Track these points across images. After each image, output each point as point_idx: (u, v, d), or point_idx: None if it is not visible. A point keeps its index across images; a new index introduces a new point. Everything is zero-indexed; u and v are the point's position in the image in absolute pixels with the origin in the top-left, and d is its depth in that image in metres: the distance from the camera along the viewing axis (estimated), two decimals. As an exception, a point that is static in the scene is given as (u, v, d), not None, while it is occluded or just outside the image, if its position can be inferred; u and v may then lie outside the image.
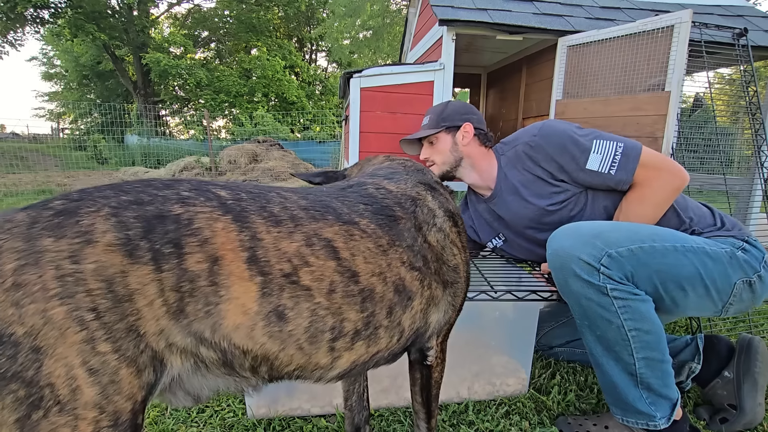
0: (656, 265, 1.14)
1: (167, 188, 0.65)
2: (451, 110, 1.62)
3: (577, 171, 1.37)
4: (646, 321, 1.14)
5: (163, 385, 0.63)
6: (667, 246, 1.16)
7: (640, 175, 1.31)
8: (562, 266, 1.17)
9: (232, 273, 0.63)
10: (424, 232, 0.89)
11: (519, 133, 1.55)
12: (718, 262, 1.18)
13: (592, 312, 1.16)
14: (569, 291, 1.18)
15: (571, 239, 1.18)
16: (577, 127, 1.40)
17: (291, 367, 0.72)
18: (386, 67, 2.04)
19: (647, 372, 1.17)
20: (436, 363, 1.02)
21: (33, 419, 0.52)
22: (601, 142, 1.34)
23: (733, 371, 1.39)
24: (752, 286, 1.21)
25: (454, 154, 1.60)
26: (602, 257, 1.12)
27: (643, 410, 1.19)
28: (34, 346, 0.51)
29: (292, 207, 0.74)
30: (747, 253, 1.22)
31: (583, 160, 1.34)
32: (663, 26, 1.72)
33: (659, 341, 1.16)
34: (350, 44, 15.91)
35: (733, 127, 3.34)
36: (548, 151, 1.40)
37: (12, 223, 0.55)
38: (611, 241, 1.14)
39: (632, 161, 1.30)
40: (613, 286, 1.12)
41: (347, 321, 0.74)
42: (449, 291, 0.95)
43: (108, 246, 0.56)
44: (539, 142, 1.41)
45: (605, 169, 1.32)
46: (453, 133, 1.60)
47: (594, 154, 1.33)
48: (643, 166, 1.30)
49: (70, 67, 22.11)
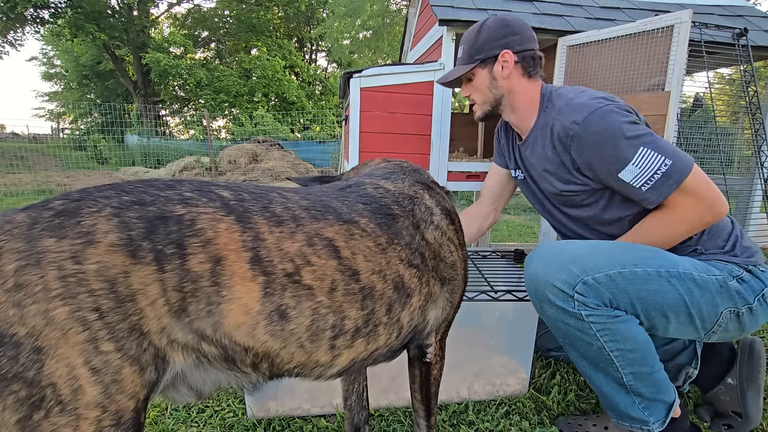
0: (637, 291, 1.09)
1: (169, 189, 0.65)
2: (485, 36, 1.33)
3: (606, 175, 1.18)
4: (628, 341, 1.10)
5: (165, 382, 0.64)
6: (650, 271, 1.10)
7: (674, 199, 1.12)
8: (536, 291, 1.15)
9: (235, 273, 0.63)
10: (422, 229, 0.90)
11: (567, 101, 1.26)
12: (705, 290, 1.11)
13: (571, 335, 1.15)
14: (545, 315, 1.17)
15: (545, 265, 1.13)
16: (628, 123, 1.14)
17: (292, 364, 0.73)
18: (386, 67, 2.04)
19: (637, 383, 1.15)
20: (435, 360, 1.02)
21: (34, 419, 0.52)
22: (646, 152, 1.11)
23: (736, 378, 1.36)
24: (740, 317, 1.14)
25: (494, 92, 1.37)
26: (577, 284, 1.08)
27: (636, 416, 1.18)
28: (36, 346, 0.51)
29: (293, 207, 0.74)
30: (743, 284, 1.14)
31: (618, 168, 1.14)
32: (663, 26, 1.72)
33: (645, 356, 1.13)
34: (350, 44, 15.91)
35: (733, 127, 3.34)
36: (584, 147, 1.19)
37: (12, 224, 0.55)
38: (587, 266, 1.09)
39: (671, 186, 1.10)
40: (588, 313, 1.08)
41: (348, 319, 0.75)
42: (447, 288, 0.96)
43: (110, 246, 0.56)
44: (579, 134, 1.18)
45: (637, 184, 1.13)
46: (490, 66, 1.34)
47: (632, 166, 1.12)
48: (682, 192, 1.11)
49: (70, 67, 22.12)
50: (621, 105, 1.19)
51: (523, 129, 1.41)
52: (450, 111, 2.09)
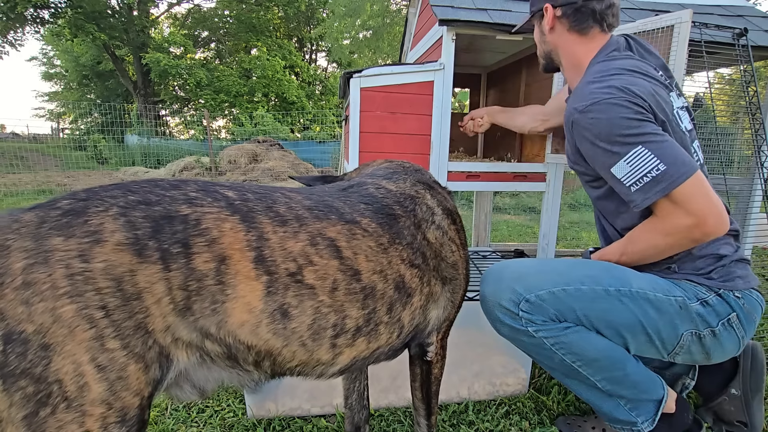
0: (583, 309, 1.08)
1: (175, 189, 0.66)
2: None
3: (601, 168, 1.14)
4: (587, 350, 1.09)
5: (169, 380, 0.64)
6: (597, 290, 1.08)
7: (664, 207, 1.05)
8: (488, 312, 1.16)
9: (239, 272, 0.64)
10: (423, 229, 0.91)
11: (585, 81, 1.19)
12: (661, 311, 1.08)
13: (531, 350, 1.15)
14: (502, 334, 1.18)
15: (492, 285, 1.15)
16: (631, 120, 1.06)
17: (294, 362, 0.73)
18: (386, 67, 2.05)
19: (614, 387, 1.14)
20: (436, 359, 1.03)
21: (41, 416, 0.52)
22: (642, 151, 1.04)
23: (740, 388, 1.33)
24: (702, 340, 1.10)
25: (543, 47, 1.36)
26: (520, 302, 1.08)
27: (622, 418, 1.17)
28: (43, 343, 0.52)
29: (296, 207, 0.75)
30: (707, 307, 1.09)
31: (611, 162, 1.09)
32: (663, 26, 1.73)
33: (613, 362, 1.10)
34: (350, 44, 15.91)
35: (733, 127, 3.34)
36: (581, 136, 1.15)
37: (20, 222, 0.55)
38: (531, 284, 1.09)
39: (658, 192, 1.02)
40: (536, 328, 1.09)
41: (349, 318, 0.75)
42: (448, 287, 0.96)
43: (117, 245, 0.57)
44: (577, 122, 1.14)
45: (627, 182, 1.07)
46: (539, 21, 1.34)
47: (624, 163, 1.06)
48: (673, 201, 1.03)
49: (70, 67, 22.12)
50: (632, 96, 1.07)
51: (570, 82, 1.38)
52: (450, 111, 2.09)
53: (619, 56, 1.23)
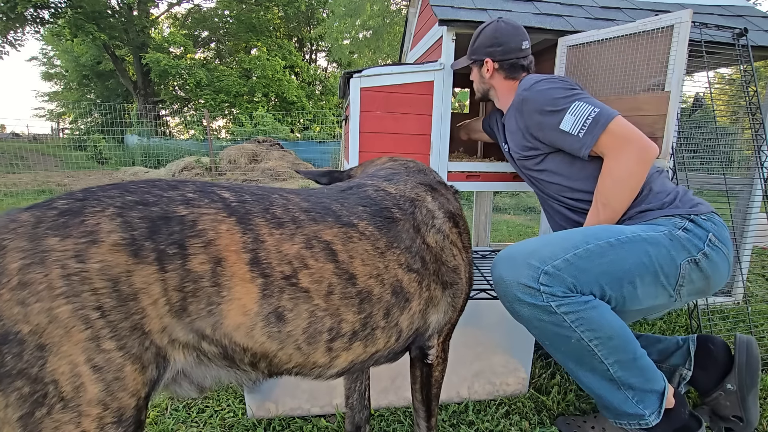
0: (597, 266, 1.12)
1: (172, 189, 0.66)
2: (478, 42, 1.65)
3: (551, 130, 1.38)
4: (604, 327, 1.11)
5: (166, 380, 0.64)
6: (601, 244, 1.14)
7: (605, 142, 1.28)
8: (506, 294, 1.15)
9: (235, 274, 0.64)
10: (423, 233, 0.89)
11: (527, 79, 1.53)
12: (658, 246, 1.16)
13: (549, 332, 1.14)
14: (519, 317, 1.17)
15: (507, 265, 1.16)
16: (564, 87, 1.40)
17: (290, 365, 0.73)
18: (386, 67, 2.04)
19: (624, 373, 1.15)
20: (437, 362, 1.02)
21: (36, 416, 0.52)
22: (579, 104, 1.33)
23: (735, 383, 1.35)
24: (699, 264, 1.18)
25: (482, 85, 1.69)
26: (539, 276, 1.09)
27: (631, 412, 1.19)
28: (39, 343, 0.52)
29: (293, 209, 0.74)
30: (689, 233, 1.19)
31: (558, 119, 1.35)
32: (663, 26, 1.72)
33: (626, 342, 1.13)
34: (350, 44, 15.91)
35: (733, 127, 3.34)
36: (530, 107, 1.44)
37: (17, 222, 0.55)
38: (545, 256, 1.12)
39: (600, 127, 1.28)
40: (558, 303, 1.09)
41: (345, 322, 0.75)
42: (449, 292, 0.94)
43: (113, 246, 0.57)
44: (526, 97, 1.45)
45: (575, 131, 1.32)
46: (478, 67, 1.67)
47: (569, 115, 1.33)
48: (610, 133, 1.28)
49: (70, 67, 22.13)
50: (562, 79, 1.45)
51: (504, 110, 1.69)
52: (450, 111, 2.09)
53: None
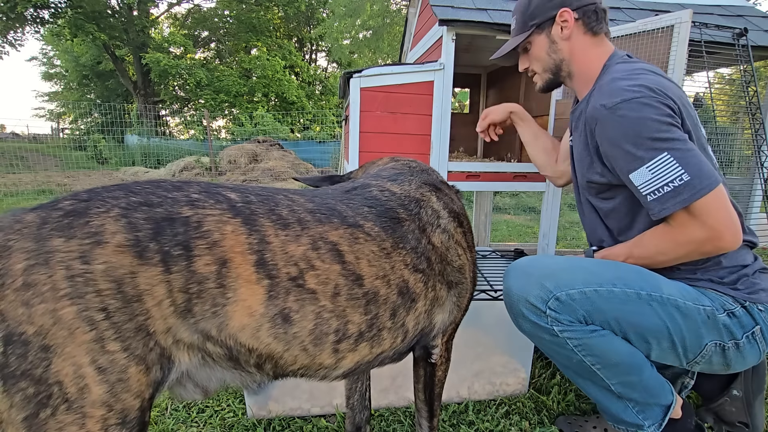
0: (613, 311, 1.05)
1: (177, 190, 0.66)
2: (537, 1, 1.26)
3: (620, 171, 1.10)
4: (609, 355, 1.07)
5: (171, 381, 0.64)
6: (629, 292, 1.05)
7: (679, 217, 1.02)
8: (511, 306, 1.13)
9: (240, 276, 0.64)
10: (428, 233, 0.89)
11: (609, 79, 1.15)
12: (689, 319, 1.05)
13: (550, 349, 1.13)
14: (522, 330, 1.15)
15: (520, 279, 1.11)
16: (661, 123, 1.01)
17: (295, 366, 0.73)
18: (386, 67, 2.05)
19: (626, 390, 1.13)
20: (441, 361, 1.02)
21: (41, 417, 0.52)
22: (667, 158, 1.00)
23: (741, 389, 1.32)
24: (725, 352, 1.09)
25: (554, 56, 1.28)
26: (549, 300, 1.05)
27: (630, 420, 1.17)
28: (44, 344, 0.52)
29: (299, 210, 0.74)
30: (733, 318, 1.07)
31: (632, 167, 1.05)
32: (663, 26, 1.73)
33: (630, 366, 1.09)
34: (350, 44, 15.90)
35: (733, 127, 3.34)
36: (604, 135, 1.10)
37: (22, 223, 0.55)
38: (562, 282, 1.06)
39: (677, 203, 0.99)
40: (562, 329, 1.05)
41: (351, 323, 0.74)
42: (454, 291, 0.94)
43: (118, 247, 0.57)
44: (603, 119, 1.09)
45: (645, 191, 1.04)
46: (548, 29, 1.26)
47: (645, 169, 1.02)
48: (690, 213, 1.00)
49: (70, 67, 22.11)
50: (664, 97, 1.04)
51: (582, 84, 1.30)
52: (450, 111, 2.09)
53: (638, 60, 1.21)
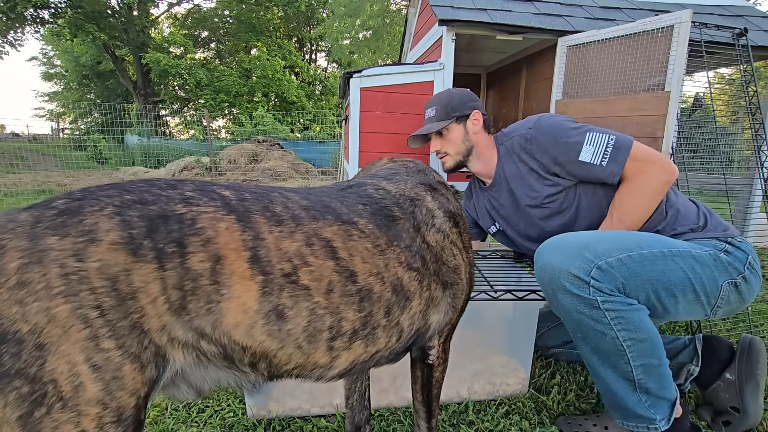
0: (647, 273, 1.13)
1: (171, 188, 0.66)
2: (457, 99, 1.61)
3: (570, 163, 1.38)
4: (641, 330, 1.12)
5: (165, 380, 0.64)
6: (655, 252, 1.15)
7: (630, 167, 1.31)
8: (551, 281, 1.15)
9: (234, 272, 0.63)
10: (423, 232, 0.89)
11: (517, 124, 1.56)
12: (704, 266, 1.17)
13: (585, 325, 1.14)
14: (559, 305, 1.17)
15: (559, 253, 1.15)
16: (571, 121, 1.43)
17: (290, 365, 0.72)
18: (386, 67, 2.05)
19: (645, 377, 1.16)
20: (438, 362, 1.02)
21: (36, 416, 0.52)
22: (593, 134, 1.35)
23: (734, 373, 1.37)
24: (738, 287, 1.20)
25: (466, 144, 1.60)
26: (592, 269, 1.10)
27: (643, 414, 1.19)
28: (38, 343, 0.51)
29: (293, 207, 0.74)
30: (730, 255, 1.21)
31: (576, 151, 1.36)
32: (663, 26, 1.73)
33: (655, 348, 1.15)
34: (350, 44, 15.91)
35: (733, 127, 3.34)
36: (543, 143, 1.42)
37: (15, 222, 0.55)
38: (600, 251, 1.12)
39: (623, 153, 1.31)
40: (604, 299, 1.10)
41: (345, 320, 0.74)
42: (449, 292, 0.94)
43: (112, 244, 0.56)
44: (534, 134, 1.44)
45: (597, 161, 1.33)
46: (464, 123, 1.60)
47: (587, 146, 1.34)
48: (634, 159, 1.31)
49: (70, 67, 22.13)
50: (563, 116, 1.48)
51: (489, 171, 1.62)
52: (450, 111, 2.09)
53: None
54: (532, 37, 2.19)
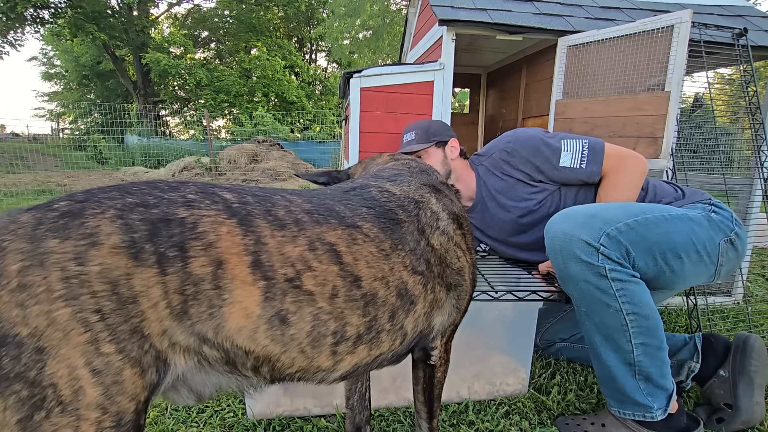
0: (652, 236, 1.19)
1: (173, 191, 0.65)
2: (436, 126, 1.73)
3: (552, 170, 1.50)
4: (644, 305, 1.16)
5: (166, 384, 0.63)
6: (657, 215, 1.22)
7: (607, 165, 1.45)
8: (562, 249, 1.19)
9: (236, 277, 0.63)
10: (428, 235, 0.88)
11: (492, 144, 1.67)
12: (701, 226, 1.25)
13: (591, 296, 1.18)
14: (568, 275, 1.20)
15: (569, 221, 1.21)
16: (544, 132, 1.56)
17: (293, 369, 0.72)
18: (386, 67, 2.05)
19: (645, 360, 1.18)
20: (440, 363, 1.01)
21: (35, 420, 0.52)
22: (568, 141, 1.48)
23: (728, 370, 1.39)
24: (734, 244, 1.28)
25: (445, 167, 1.68)
26: (601, 236, 1.15)
27: (640, 401, 1.21)
28: (38, 346, 0.51)
29: (296, 210, 0.73)
30: (718, 215, 1.30)
31: (555, 159, 1.48)
32: (663, 26, 1.73)
33: (657, 328, 1.18)
34: (350, 44, 15.90)
35: (733, 127, 3.34)
36: (524, 155, 1.53)
37: (17, 224, 0.55)
38: (608, 218, 1.18)
39: (599, 154, 1.45)
40: (612, 267, 1.14)
41: (349, 325, 0.73)
42: (453, 294, 0.94)
43: (113, 248, 0.56)
44: (515, 147, 1.55)
45: (576, 164, 1.46)
46: (442, 148, 1.70)
47: (564, 152, 1.47)
48: (609, 157, 1.45)
49: (70, 67, 22.12)
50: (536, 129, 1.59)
51: (469, 192, 1.69)
52: (450, 111, 2.09)
53: None
54: (532, 37, 2.19)
